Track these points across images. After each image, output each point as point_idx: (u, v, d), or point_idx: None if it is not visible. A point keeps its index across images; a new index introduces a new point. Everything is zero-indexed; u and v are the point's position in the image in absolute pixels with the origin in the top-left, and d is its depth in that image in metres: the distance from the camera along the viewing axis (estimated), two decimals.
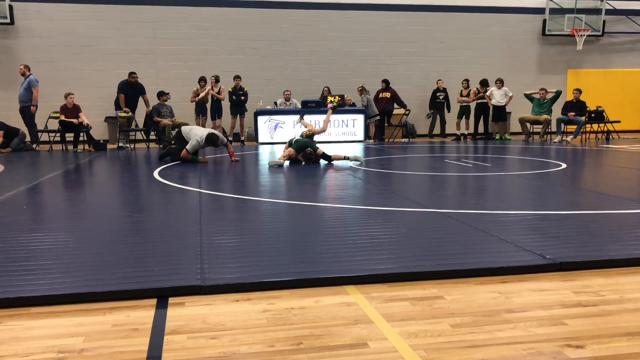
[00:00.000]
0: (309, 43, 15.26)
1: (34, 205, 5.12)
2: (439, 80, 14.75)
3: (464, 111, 14.44)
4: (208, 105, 13.24)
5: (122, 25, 14.34)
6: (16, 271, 2.88)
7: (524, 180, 6.34)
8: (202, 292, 2.64)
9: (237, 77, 13.24)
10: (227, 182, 6.67)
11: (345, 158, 8.28)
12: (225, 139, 8.91)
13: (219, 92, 13.12)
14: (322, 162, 8.39)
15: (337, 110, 9.57)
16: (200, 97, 12.95)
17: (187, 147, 8.42)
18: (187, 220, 4.14)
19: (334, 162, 8.33)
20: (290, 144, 8.45)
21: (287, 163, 8.16)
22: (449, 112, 14.79)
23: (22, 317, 2.39)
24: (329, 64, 15.37)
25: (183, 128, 8.95)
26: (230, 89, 13.23)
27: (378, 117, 14.03)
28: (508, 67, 15.98)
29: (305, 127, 9.40)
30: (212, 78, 13.15)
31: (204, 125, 12.95)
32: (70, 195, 5.90)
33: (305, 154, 8.22)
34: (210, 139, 8.49)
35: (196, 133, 8.58)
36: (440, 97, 14.65)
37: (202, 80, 13.03)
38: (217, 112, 13.22)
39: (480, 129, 14.67)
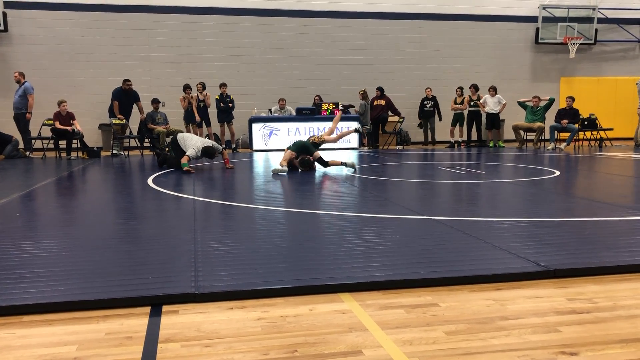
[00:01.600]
0: (304, 51, 15.31)
1: (27, 213, 5.09)
2: (427, 88, 14.78)
3: (457, 119, 14.48)
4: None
5: (116, 32, 14.34)
6: (9, 279, 2.86)
7: (518, 188, 6.37)
8: (196, 300, 2.63)
9: (223, 85, 13.23)
10: (221, 190, 6.66)
11: (342, 163, 8.29)
12: (220, 147, 8.91)
13: (202, 100, 13.12)
14: (318, 169, 8.39)
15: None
16: (193, 103, 12.99)
17: (189, 153, 8.37)
18: (181, 228, 4.13)
19: (329, 169, 8.34)
20: (290, 147, 8.46)
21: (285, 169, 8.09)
22: (440, 119, 14.81)
23: (14, 325, 2.37)
24: (324, 72, 15.42)
25: (179, 135, 8.94)
26: (217, 97, 13.23)
27: (369, 127, 14.07)
28: (501, 75, 16.08)
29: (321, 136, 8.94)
30: (199, 85, 13.16)
31: (196, 133, 12.99)
32: (63, 202, 5.87)
33: (302, 161, 8.22)
34: (207, 152, 8.49)
35: (194, 144, 8.56)
36: (428, 106, 14.66)
37: (188, 88, 13.05)
38: (204, 120, 13.22)
39: (474, 137, 14.72)
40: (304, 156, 8.26)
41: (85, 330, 2.30)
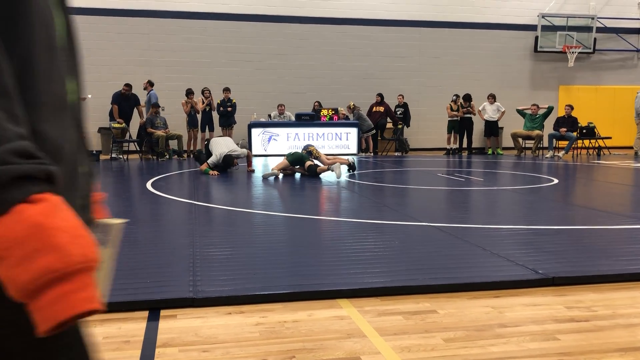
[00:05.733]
0: (303, 57, 15.34)
1: None
2: (399, 95, 14.71)
3: (453, 126, 14.48)
4: (199, 117, 13.27)
5: (116, 36, 14.36)
6: None
7: (517, 195, 6.37)
8: (194, 304, 2.62)
9: (226, 90, 13.29)
10: (220, 194, 6.66)
11: (329, 169, 8.36)
12: (246, 150, 9.17)
13: (209, 104, 13.18)
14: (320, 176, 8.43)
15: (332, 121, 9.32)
16: (203, 106, 13.07)
17: (209, 160, 8.69)
18: (180, 232, 4.12)
19: (324, 175, 8.37)
20: (287, 156, 8.54)
21: (281, 175, 8.25)
22: (407, 126, 14.75)
23: None
24: (323, 78, 15.44)
25: (212, 140, 9.32)
26: (218, 101, 13.27)
27: (374, 131, 14.07)
28: (500, 83, 16.13)
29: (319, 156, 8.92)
30: (207, 91, 13.22)
31: (196, 138, 13.06)
32: None
33: (309, 167, 8.30)
34: (227, 160, 8.78)
35: (218, 149, 8.83)
36: (398, 113, 14.58)
37: (191, 93, 13.07)
38: (208, 124, 13.27)
39: (465, 144, 14.69)
40: (311, 164, 8.36)
41: None
